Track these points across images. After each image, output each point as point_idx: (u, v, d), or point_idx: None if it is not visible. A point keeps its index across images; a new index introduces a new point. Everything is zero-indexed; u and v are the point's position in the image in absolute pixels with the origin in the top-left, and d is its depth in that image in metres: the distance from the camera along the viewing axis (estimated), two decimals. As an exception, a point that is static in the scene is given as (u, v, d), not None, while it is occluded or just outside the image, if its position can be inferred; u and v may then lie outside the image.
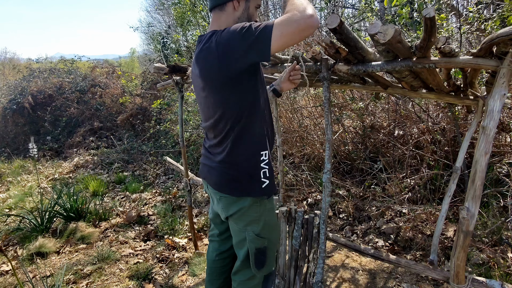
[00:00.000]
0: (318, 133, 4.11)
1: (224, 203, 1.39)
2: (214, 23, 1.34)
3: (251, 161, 1.33)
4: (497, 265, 2.18)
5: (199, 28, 6.58)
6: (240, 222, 1.40)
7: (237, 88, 1.24)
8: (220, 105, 1.28)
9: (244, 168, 1.33)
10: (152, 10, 13.05)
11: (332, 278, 2.36)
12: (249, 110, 1.29)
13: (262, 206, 1.38)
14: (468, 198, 1.27)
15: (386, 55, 1.36)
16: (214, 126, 1.34)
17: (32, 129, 7.63)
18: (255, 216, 1.37)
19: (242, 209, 1.36)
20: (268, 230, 1.42)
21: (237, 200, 1.36)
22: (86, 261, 2.68)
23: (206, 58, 1.23)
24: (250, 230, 1.38)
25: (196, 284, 2.37)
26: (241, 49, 1.13)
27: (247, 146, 1.32)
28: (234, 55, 1.15)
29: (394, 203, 3.03)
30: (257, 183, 1.34)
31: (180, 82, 2.52)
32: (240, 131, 1.30)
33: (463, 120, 3.08)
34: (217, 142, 1.37)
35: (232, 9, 1.30)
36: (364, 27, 5.89)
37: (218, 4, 1.30)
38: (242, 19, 1.32)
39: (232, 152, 1.32)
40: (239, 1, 1.30)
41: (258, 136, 1.34)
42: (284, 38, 1.07)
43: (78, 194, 3.75)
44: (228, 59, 1.16)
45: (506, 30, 1.05)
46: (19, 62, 14.75)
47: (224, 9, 1.30)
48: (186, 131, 5.04)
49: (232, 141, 1.31)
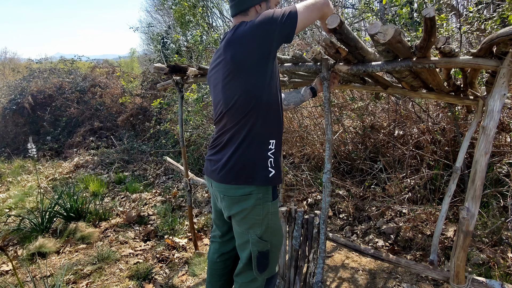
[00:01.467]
0: (318, 133, 4.11)
1: (227, 202, 1.39)
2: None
3: (260, 149, 1.34)
4: (497, 265, 2.18)
5: (199, 28, 6.58)
6: (243, 225, 1.39)
7: (263, 70, 1.29)
8: (243, 88, 1.30)
9: (252, 155, 1.34)
10: (152, 10, 13.05)
11: (332, 278, 2.36)
12: (267, 94, 1.32)
13: (265, 209, 1.37)
14: (468, 198, 1.27)
15: (386, 55, 1.36)
16: (230, 113, 1.35)
17: (32, 129, 7.64)
18: (257, 219, 1.37)
19: (245, 211, 1.36)
20: (271, 233, 1.41)
21: (240, 200, 1.35)
22: (86, 261, 2.68)
23: (241, 41, 1.27)
24: (253, 232, 1.38)
25: (196, 284, 2.37)
26: (273, 32, 1.23)
27: (259, 133, 1.34)
28: (268, 37, 1.23)
29: (394, 203, 3.03)
30: (264, 171, 1.34)
31: (180, 82, 2.52)
32: (256, 117, 1.32)
33: (463, 120, 3.08)
34: (230, 131, 1.36)
35: (255, 12, 1.35)
36: (364, 27, 5.89)
37: (241, 11, 1.36)
38: None
39: (245, 139, 1.33)
40: (261, 4, 1.34)
41: (270, 123, 1.36)
42: (307, 22, 1.27)
43: (78, 194, 3.75)
44: (264, 40, 1.23)
45: (506, 30, 1.05)
46: (19, 62, 14.75)
47: (247, 14, 1.35)
48: (186, 131, 5.04)
49: (247, 127, 1.33)
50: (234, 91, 1.31)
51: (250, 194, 1.34)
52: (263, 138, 1.35)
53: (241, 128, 1.33)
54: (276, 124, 1.39)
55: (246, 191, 1.34)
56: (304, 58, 1.71)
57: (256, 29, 1.23)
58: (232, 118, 1.34)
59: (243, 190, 1.34)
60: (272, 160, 1.36)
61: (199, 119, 4.89)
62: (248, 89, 1.29)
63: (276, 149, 1.38)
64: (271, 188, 1.40)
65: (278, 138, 1.40)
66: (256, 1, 1.33)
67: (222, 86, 1.35)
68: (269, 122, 1.36)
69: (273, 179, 1.36)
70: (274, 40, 1.24)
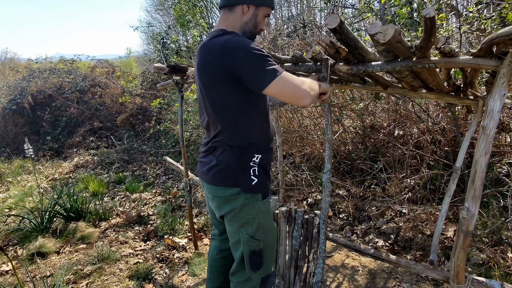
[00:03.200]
0: (318, 133, 4.11)
1: (217, 202, 1.40)
2: (222, 22, 1.37)
3: (244, 157, 1.34)
4: (497, 265, 2.18)
5: (198, 27, 6.58)
6: (234, 224, 1.40)
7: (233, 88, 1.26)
8: (220, 101, 1.29)
9: (236, 162, 1.34)
10: (152, 10, 13.06)
11: (332, 278, 2.36)
12: (248, 110, 1.31)
13: (255, 208, 1.38)
14: (468, 198, 1.27)
15: (386, 55, 1.36)
16: (212, 123, 1.36)
17: (32, 129, 7.63)
18: (248, 218, 1.37)
19: (234, 210, 1.36)
20: (263, 232, 1.42)
21: (229, 200, 1.36)
22: (86, 261, 2.68)
23: (209, 52, 1.24)
24: (244, 231, 1.39)
25: (196, 284, 2.37)
26: (248, 65, 1.18)
27: (243, 145, 1.34)
28: (238, 61, 1.18)
29: (394, 203, 3.03)
30: (247, 178, 1.34)
31: (180, 82, 2.52)
32: (235, 129, 1.32)
33: (463, 120, 3.08)
34: (218, 136, 1.37)
35: (241, 12, 1.32)
36: (364, 27, 5.89)
37: (227, 5, 1.33)
38: (248, 24, 1.34)
39: (231, 146, 1.34)
40: (249, 7, 1.31)
41: (255, 135, 1.36)
42: (279, 91, 1.17)
43: (78, 194, 3.75)
44: (233, 60, 1.18)
45: (506, 30, 1.05)
46: (20, 63, 14.73)
47: (233, 11, 1.33)
48: (186, 131, 5.04)
49: (232, 136, 1.33)
50: (216, 104, 1.32)
51: (238, 194, 1.35)
52: (247, 149, 1.35)
53: (227, 135, 1.34)
54: (263, 136, 1.39)
55: (234, 191, 1.35)
56: (304, 58, 1.71)
57: (232, 48, 1.19)
58: (216, 125, 1.35)
59: (231, 190, 1.35)
60: (256, 169, 1.35)
61: (199, 119, 4.88)
62: (229, 105, 1.29)
63: (261, 160, 1.37)
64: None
65: (264, 151, 1.39)
66: (245, 1, 1.31)
67: (203, 92, 1.36)
68: (253, 133, 1.36)
69: (255, 187, 1.35)
70: (242, 71, 1.19)
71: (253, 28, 1.37)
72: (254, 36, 1.40)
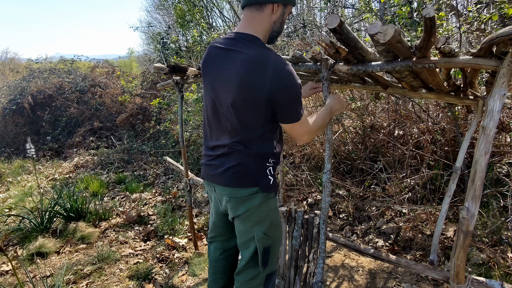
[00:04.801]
0: (318, 133, 4.10)
1: (234, 203, 1.39)
2: (249, 23, 1.30)
3: (261, 159, 1.38)
4: (497, 265, 2.18)
5: (198, 27, 6.58)
6: (247, 222, 1.40)
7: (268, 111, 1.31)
8: (249, 119, 1.31)
9: (252, 165, 1.36)
10: (152, 10, 13.06)
11: (332, 278, 2.36)
12: (274, 127, 1.38)
13: (268, 206, 1.41)
14: (468, 198, 1.27)
15: (386, 55, 1.36)
16: (231, 130, 1.36)
17: (32, 129, 7.63)
18: (262, 216, 1.39)
19: (251, 209, 1.37)
20: (273, 229, 1.44)
21: (246, 200, 1.37)
22: (86, 261, 2.68)
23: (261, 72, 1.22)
24: (258, 229, 1.39)
25: (196, 284, 2.37)
26: (288, 102, 1.27)
27: (259, 152, 1.37)
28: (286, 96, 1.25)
29: (394, 203, 3.03)
30: (266, 177, 1.37)
31: (180, 82, 2.52)
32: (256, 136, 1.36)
33: (463, 120, 3.08)
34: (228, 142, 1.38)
35: (271, 11, 1.28)
36: (364, 27, 5.89)
37: (256, 3, 1.26)
38: (277, 23, 1.33)
39: (246, 152, 1.36)
40: (279, 5, 1.28)
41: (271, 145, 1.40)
42: (291, 130, 1.36)
43: (78, 194, 3.75)
44: (282, 94, 1.24)
45: (506, 30, 1.05)
46: (20, 63, 14.73)
47: (262, 10, 1.27)
48: (186, 131, 5.04)
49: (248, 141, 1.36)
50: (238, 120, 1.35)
51: (256, 193, 1.36)
52: (265, 156, 1.38)
53: (247, 144, 1.35)
54: (280, 144, 1.45)
55: (252, 191, 1.36)
56: (304, 58, 1.71)
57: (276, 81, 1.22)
58: (235, 133, 1.37)
59: (249, 190, 1.36)
60: (270, 168, 1.39)
61: (199, 119, 4.89)
62: (252, 123, 1.34)
63: (274, 161, 1.42)
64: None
65: (278, 155, 1.44)
66: (276, 0, 1.27)
67: (225, 98, 1.36)
68: (273, 143, 1.40)
69: (272, 186, 1.40)
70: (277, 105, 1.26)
71: (279, 27, 1.35)
72: (279, 35, 1.40)
